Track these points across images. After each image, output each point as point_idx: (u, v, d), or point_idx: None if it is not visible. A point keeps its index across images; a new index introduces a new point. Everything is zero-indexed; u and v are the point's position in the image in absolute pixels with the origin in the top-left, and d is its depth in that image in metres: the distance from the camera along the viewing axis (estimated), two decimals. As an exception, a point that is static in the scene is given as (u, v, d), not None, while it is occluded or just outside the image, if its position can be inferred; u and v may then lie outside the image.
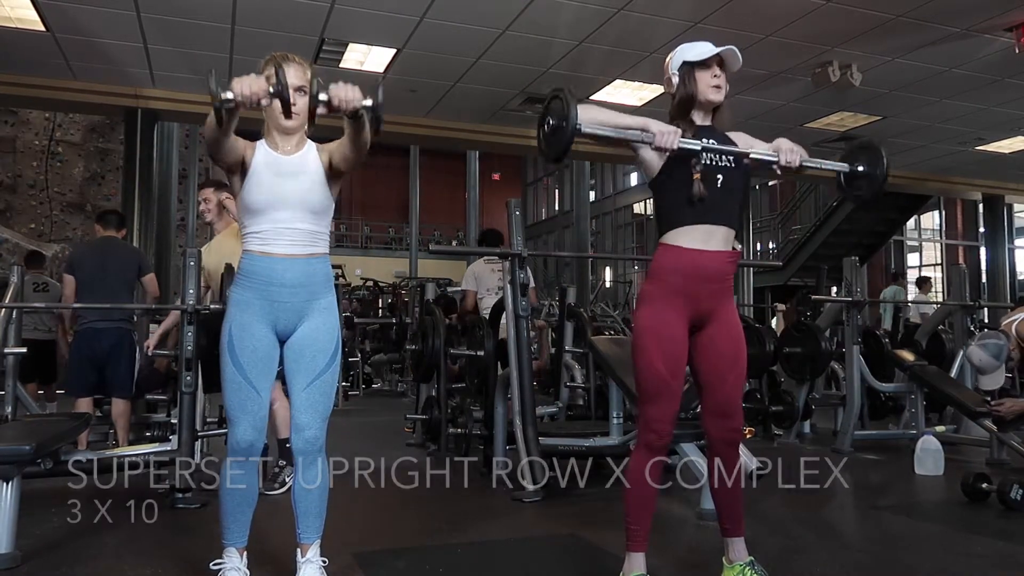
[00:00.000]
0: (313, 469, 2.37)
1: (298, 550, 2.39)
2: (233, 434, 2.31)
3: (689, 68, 2.37)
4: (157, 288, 5.14)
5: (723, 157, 2.35)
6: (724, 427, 2.42)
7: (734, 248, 2.41)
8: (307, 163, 2.39)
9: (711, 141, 2.34)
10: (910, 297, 11.90)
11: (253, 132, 2.44)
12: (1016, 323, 4.11)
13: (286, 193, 2.33)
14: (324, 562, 2.40)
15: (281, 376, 2.43)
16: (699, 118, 2.41)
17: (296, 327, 2.37)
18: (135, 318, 5.12)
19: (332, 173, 2.40)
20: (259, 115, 2.39)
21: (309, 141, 2.44)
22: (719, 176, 2.34)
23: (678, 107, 2.42)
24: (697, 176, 2.29)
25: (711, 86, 2.36)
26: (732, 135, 2.44)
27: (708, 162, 2.32)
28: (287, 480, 4.13)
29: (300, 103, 2.30)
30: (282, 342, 2.38)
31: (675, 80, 2.41)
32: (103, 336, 4.71)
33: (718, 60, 2.37)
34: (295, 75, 2.34)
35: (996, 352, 4.26)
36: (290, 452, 4.20)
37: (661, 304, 2.33)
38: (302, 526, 2.38)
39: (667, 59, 2.45)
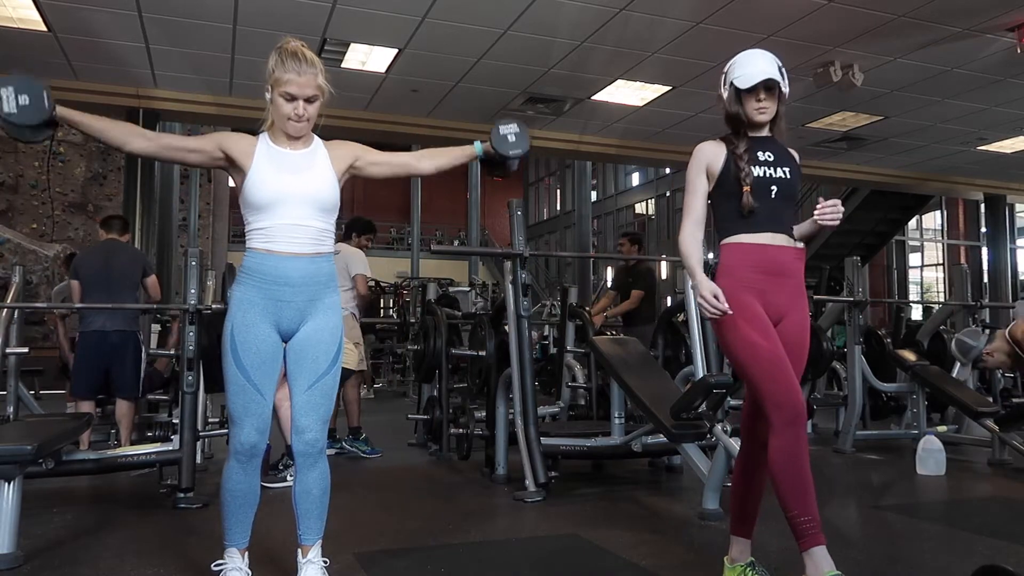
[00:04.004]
0: (314, 471, 2.35)
1: (299, 551, 2.39)
2: (236, 436, 2.29)
3: (736, 91, 2.39)
4: (159, 291, 5.16)
5: (778, 168, 2.40)
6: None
7: (802, 248, 2.46)
8: (315, 160, 2.36)
9: (768, 153, 2.40)
10: None
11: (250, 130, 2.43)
12: (1010, 327, 4.12)
13: (292, 189, 2.29)
14: (325, 562, 2.40)
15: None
16: (753, 131, 2.44)
17: (299, 326, 2.33)
18: (140, 319, 5.13)
19: (346, 174, 2.41)
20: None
21: (316, 139, 2.41)
22: (773, 187, 2.38)
23: (729, 124, 2.47)
24: (746, 189, 2.34)
25: (755, 110, 2.39)
26: (792, 151, 2.49)
27: (763, 174, 2.37)
28: (288, 477, 4.14)
29: (311, 110, 2.28)
30: (284, 341, 2.36)
31: (724, 96, 2.44)
32: (108, 338, 4.71)
33: (765, 84, 2.36)
34: (305, 85, 2.25)
35: (964, 351, 5.21)
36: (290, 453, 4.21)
37: (743, 297, 2.31)
38: (303, 527, 2.38)
39: (724, 69, 2.46)
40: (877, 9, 6.36)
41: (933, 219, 19.07)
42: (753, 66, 2.36)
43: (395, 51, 7.33)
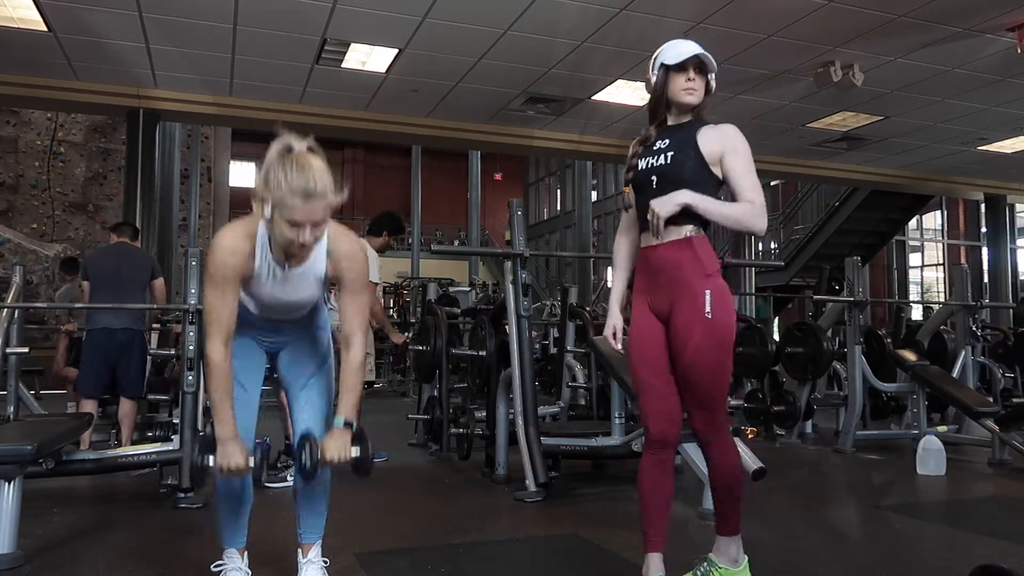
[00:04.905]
0: (321, 472, 2.34)
1: (299, 550, 2.39)
2: None
3: (665, 70, 2.36)
4: (166, 294, 5.20)
5: (664, 155, 2.34)
6: (692, 421, 2.37)
7: (686, 237, 2.29)
8: (313, 270, 2.22)
9: (666, 140, 2.36)
10: None
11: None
12: None
13: (285, 299, 2.26)
14: (325, 562, 2.40)
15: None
16: (672, 119, 2.41)
17: (285, 346, 2.41)
18: (146, 318, 5.15)
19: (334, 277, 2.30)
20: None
21: (320, 243, 2.18)
22: (652, 178, 2.34)
23: (650, 110, 2.45)
24: (626, 189, 2.41)
25: (683, 89, 2.34)
26: (708, 129, 2.35)
27: (645, 166, 2.36)
28: (289, 477, 4.15)
29: (318, 232, 2.08)
30: (271, 355, 2.42)
31: (652, 80, 2.41)
32: (116, 336, 4.73)
33: (695, 63, 2.33)
34: (313, 212, 2.01)
35: None
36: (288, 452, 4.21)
37: (636, 305, 2.38)
38: (304, 526, 2.38)
39: (651, 59, 2.44)
40: (877, 9, 6.36)
41: (933, 219, 19.06)
42: (684, 47, 2.35)
43: (395, 51, 7.33)
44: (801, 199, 17.67)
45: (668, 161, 2.33)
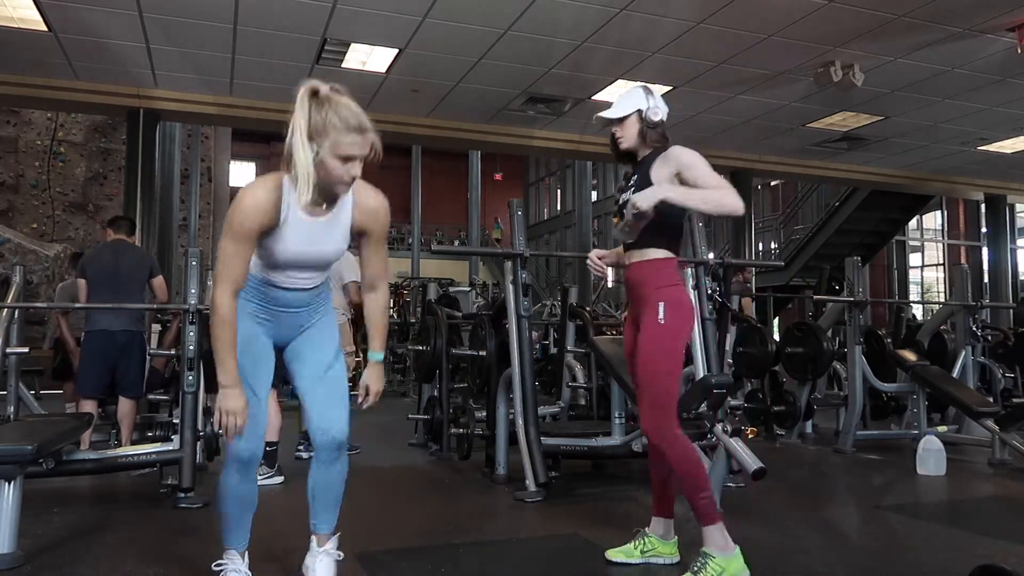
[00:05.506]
0: (337, 464, 2.35)
1: (313, 539, 2.39)
2: (236, 444, 2.26)
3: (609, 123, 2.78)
4: (166, 292, 5.16)
5: (631, 190, 2.63)
6: (641, 421, 2.69)
7: (650, 259, 2.66)
8: (338, 223, 2.23)
9: (635, 175, 2.71)
10: None
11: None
12: None
13: (309, 257, 2.24)
14: (340, 556, 2.40)
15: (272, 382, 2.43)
16: (640, 155, 2.75)
17: (295, 337, 2.38)
18: (145, 318, 5.14)
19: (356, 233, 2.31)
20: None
21: (345, 195, 2.21)
22: (625, 210, 2.62)
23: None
24: (615, 220, 2.73)
25: (616, 140, 2.77)
26: (659, 159, 2.64)
27: (624, 200, 2.63)
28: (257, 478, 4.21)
29: (357, 169, 2.11)
30: (278, 348, 2.39)
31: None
32: (115, 338, 4.72)
33: (615, 120, 2.73)
34: (364, 145, 2.09)
35: None
36: (273, 455, 4.25)
37: (627, 318, 2.81)
38: (320, 517, 2.38)
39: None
40: (877, 9, 6.36)
41: (933, 219, 19.07)
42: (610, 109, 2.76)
43: (395, 51, 7.33)
44: (801, 199, 17.67)
45: (634, 192, 2.60)
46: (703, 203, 2.51)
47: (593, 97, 8.58)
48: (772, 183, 18.85)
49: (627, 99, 2.73)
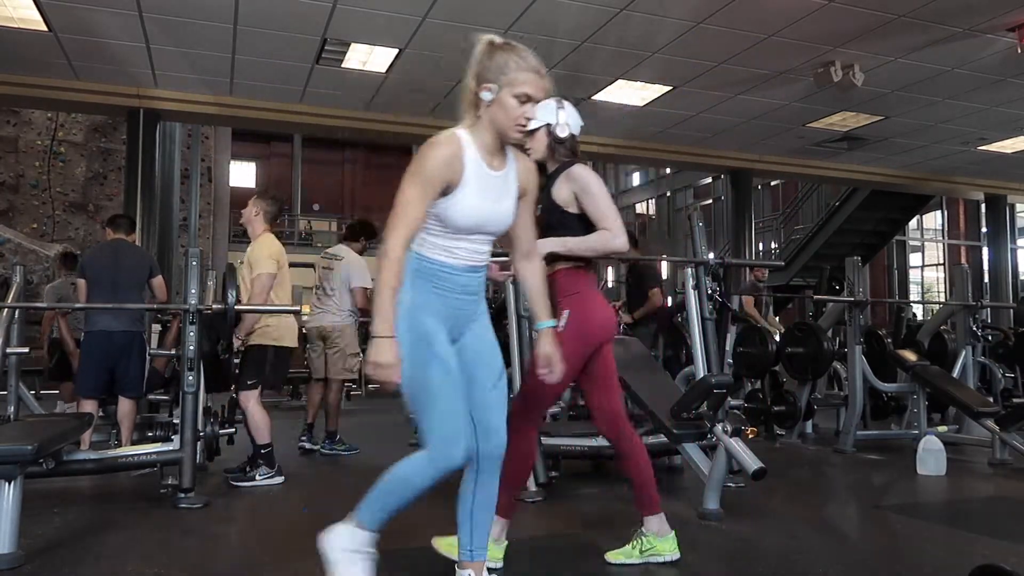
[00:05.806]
0: (496, 476, 2.22)
1: (469, 571, 2.23)
2: (453, 452, 2.10)
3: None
4: (166, 292, 5.16)
5: (537, 204, 2.63)
6: None
7: (555, 271, 2.73)
8: (509, 182, 2.20)
9: (545, 190, 2.75)
10: None
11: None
12: None
13: (489, 220, 2.15)
14: None
15: (265, 383, 2.38)
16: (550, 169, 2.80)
17: (463, 333, 2.21)
18: (145, 319, 5.13)
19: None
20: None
21: (513, 150, 2.21)
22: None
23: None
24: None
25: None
26: (560, 177, 2.73)
27: (538, 214, 2.64)
28: (258, 478, 4.29)
29: (533, 112, 2.14)
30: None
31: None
32: (114, 338, 4.71)
33: (529, 133, 2.67)
34: (543, 86, 2.13)
35: None
36: (263, 456, 4.24)
37: None
38: (477, 541, 2.22)
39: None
40: (877, 9, 6.36)
41: (934, 219, 19.07)
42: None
43: (396, 51, 7.33)
44: (801, 199, 17.66)
45: (539, 212, 2.61)
46: (590, 251, 2.66)
47: (593, 97, 8.58)
48: (772, 183, 18.84)
49: (540, 111, 2.56)
